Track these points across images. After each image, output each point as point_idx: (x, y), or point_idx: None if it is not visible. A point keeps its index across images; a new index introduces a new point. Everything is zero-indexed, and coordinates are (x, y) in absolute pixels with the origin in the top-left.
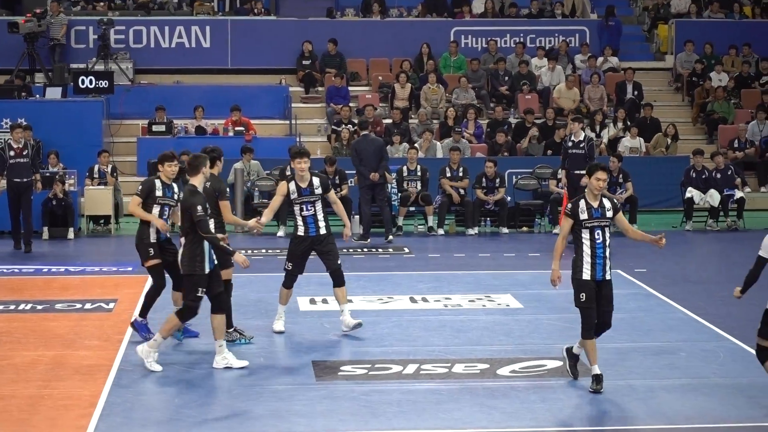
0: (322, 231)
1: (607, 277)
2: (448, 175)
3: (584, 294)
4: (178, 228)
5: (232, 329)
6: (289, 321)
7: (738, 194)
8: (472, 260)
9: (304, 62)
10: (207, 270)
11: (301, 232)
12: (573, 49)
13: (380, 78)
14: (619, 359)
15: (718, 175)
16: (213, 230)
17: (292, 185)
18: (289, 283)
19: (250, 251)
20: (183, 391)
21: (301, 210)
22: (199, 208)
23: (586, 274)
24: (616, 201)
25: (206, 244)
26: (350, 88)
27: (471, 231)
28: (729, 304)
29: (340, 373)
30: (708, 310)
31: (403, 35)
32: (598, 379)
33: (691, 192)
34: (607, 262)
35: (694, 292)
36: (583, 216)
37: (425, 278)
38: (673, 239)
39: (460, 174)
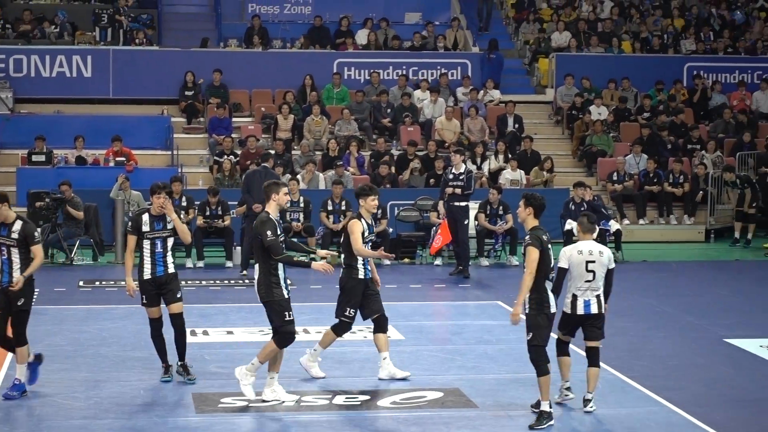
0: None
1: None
2: (330, 208)
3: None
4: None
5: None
6: (169, 352)
7: (614, 226)
8: None
9: (186, 92)
10: (286, 295)
11: (361, 275)
12: (455, 82)
13: (263, 109)
14: (500, 390)
15: (583, 207)
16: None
17: (364, 223)
18: (345, 330)
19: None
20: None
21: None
22: (269, 233)
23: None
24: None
25: (281, 269)
26: (233, 119)
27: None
28: (608, 335)
29: (220, 405)
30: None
31: (286, 66)
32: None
33: (571, 224)
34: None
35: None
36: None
37: (307, 310)
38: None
39: (342, 207)
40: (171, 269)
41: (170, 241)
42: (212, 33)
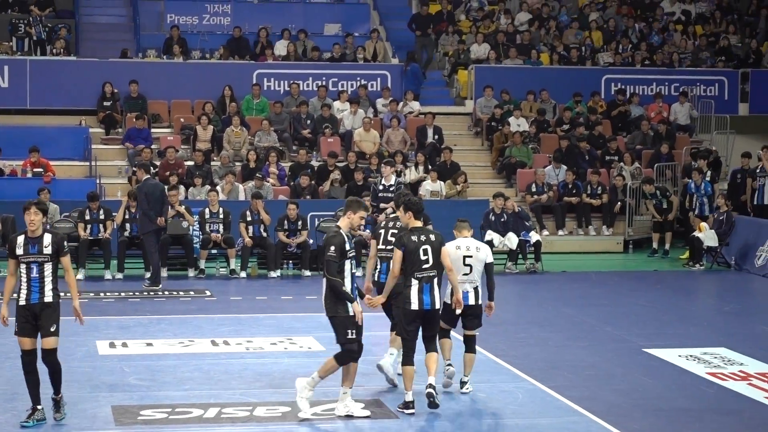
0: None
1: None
2: (249, 219)
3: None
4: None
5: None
6: (88, 364)
7: (534, 237)
8: (274, 303)
9: (105, 103)
10: (351, 312)
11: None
12: (375, 93)
13: (182, 120)
14: (419, 402)
15: (510, 219)
16: None
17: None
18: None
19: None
20: None
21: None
22: (332, 248)
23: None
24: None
25: (348, 284)
26: (152, 130)
27: (273, 274)
28: (528, 345)
29: (140, 418)
30: (507, 352)
31: (206, 77)
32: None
33: (491, 235)
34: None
35: (492, 334)
36: None
37: (227, 321)
38: None
39: (260, 218)
40: (48, 298)
41: (48, 267)
42: (131, 43)
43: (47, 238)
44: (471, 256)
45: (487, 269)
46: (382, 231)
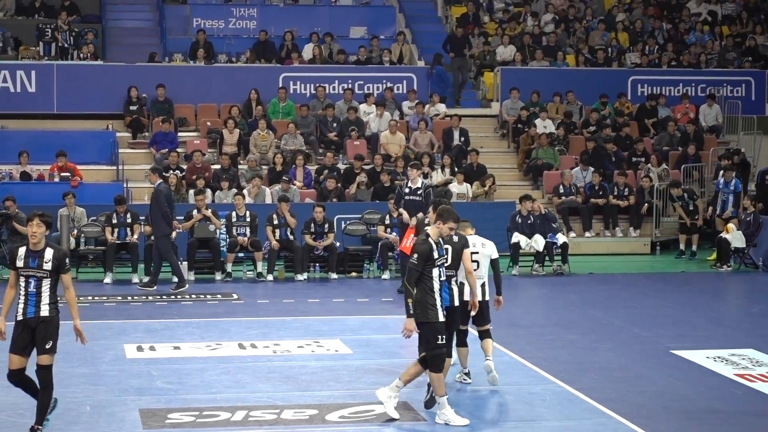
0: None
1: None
2: (275, 222)
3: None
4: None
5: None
6: (116, 368)
7: (561, 239)
8: (301, 306)
9: (131, 107)
10: (441, 318)
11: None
12: (401, 96)
13: (209, 123)
14: (453, 404)
15: (537, 221)
16: None
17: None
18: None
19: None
20: None
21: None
22: (416, 256)
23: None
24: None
25: (437, 290)
26: (178, 134)
27: (300, 277)
28: (555, 347)
29: (167, 421)
30: (534, 354)
31: (232, 81)
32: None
33: (518, 237)
34: None
35: (520, 336)
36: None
37: (254, 324)
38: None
39: (286, 221)
40: (44, 312)
41: (46, 282)
42: (157, 47)
43: (49, 253)
44: (477, 253)
45: (493, 265)
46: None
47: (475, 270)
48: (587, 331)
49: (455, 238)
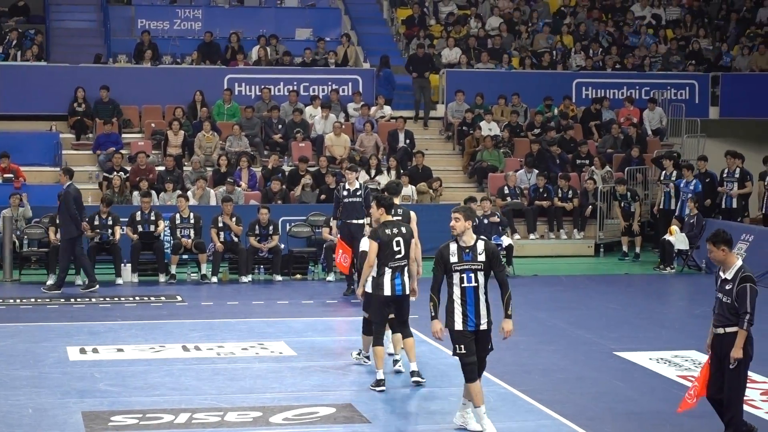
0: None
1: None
2: (220, 225)
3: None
4: None
5: None
6: (58, 371)
7: (506, 241)
8: (245, 308)
9: (76, 108)
10: (461, 326)
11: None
12: (346, 98)
13: (153, 125)
14: (392, 405)
15: (486, 221)
16: None
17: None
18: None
19: (18, 300)
20: None
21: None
22: (434, 262)
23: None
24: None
25: (458, 298)
26: (123, 135)
27: (245, 279)
28: (499, 349)
29: (110, 424)
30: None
31: (177, 82)
32: None
33: None
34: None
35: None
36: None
37: (198, 326)
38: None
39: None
40: None
41: None
42: (101, 48)
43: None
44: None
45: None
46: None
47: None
48: (531, 333)
49: (403, 229)
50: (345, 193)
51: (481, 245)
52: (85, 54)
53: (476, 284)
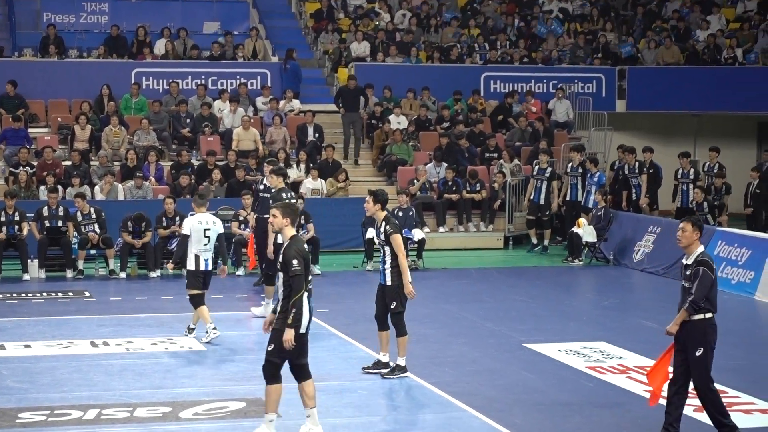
0: None
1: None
2: (130, 228)
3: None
4: None
5: None
6: None
7: (418, 235)
8: (154, 303)
9: None
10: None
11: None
12: (255, 92)
13: (59, 119)
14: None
15: (400, 213)
16: None
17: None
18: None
19: None
20: None
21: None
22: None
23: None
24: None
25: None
26: (29, 130)
27: (154, 273)
28: (409, 342)
29: (18, 420)
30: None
31: (83, 76)
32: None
33: (371, 232)
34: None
35: (374, 331)
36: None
37: (107, 322)
38: (354, 279)
39: (141, 228)
40: None
41: None
42: (6, 42)
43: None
44: (209, 229)
45: (219, 239)
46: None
47: (207, 244)
48: (441, 325)
49: None
50: (261, 187)
51: (285, 247)
52: None
53: (277, 284)
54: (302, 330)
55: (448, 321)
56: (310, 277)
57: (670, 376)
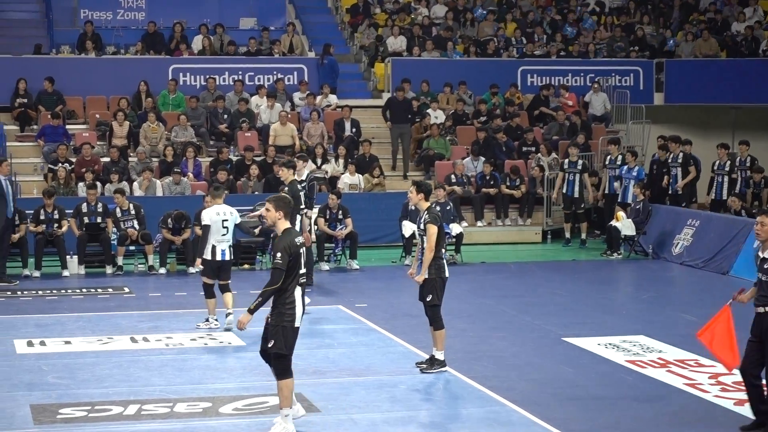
0: None
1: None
2: (170, 226)
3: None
4: None
5: None
6: (5, 364)
7: (456, 229)
8: (193, 299)
9: (19, 100)
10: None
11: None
12: (292, 87)
13: (98, 116)
14: (342, 393)
15: (437, 207)
16: None
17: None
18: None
19: None
20: None
21: None
22: None
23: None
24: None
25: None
26: (67, 127)
27: (192, 269)
28: (448, 336)
29: (59, 417)
30: (427, 343)
31: (121, 73)
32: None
33: (407, 226)
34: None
35: (413, 326)
36: None
37: (146, 318)
38: (393, 274)
39: (181, 225)
40: None
41: None
42: (44, 39)
43: None
44: (227, 220)
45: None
46: None
47: (225, 234)
48: (479, 320)
49: None
50: None
51: (277, 239)
52: (27, 45)
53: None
54: (297, 324)
55: (486, 315)
56: (302, 271)
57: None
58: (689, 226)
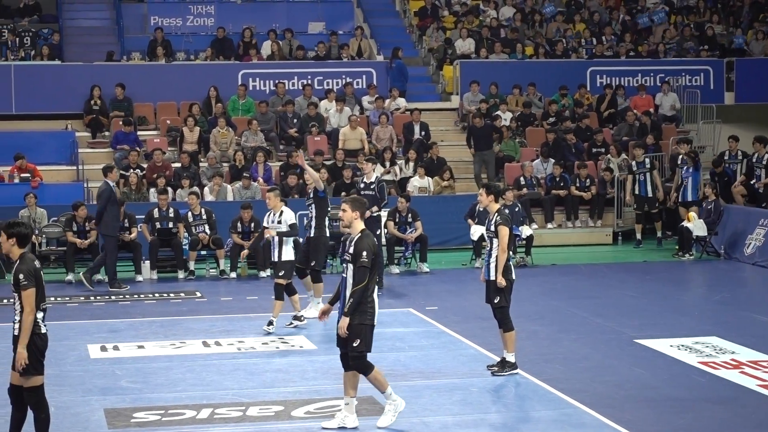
0: None
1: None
2: (240, 230)
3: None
4: None
5: None
6: (80, 368)
7: (526, 231)
8: (264, 303)
9: (93, 107)
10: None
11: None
12: (360, 91)
13: (168, 122)
14: (413, 396)
15: (506, 210)
16: None
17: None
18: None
19: None
20: None
21: None
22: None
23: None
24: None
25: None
26: (138, 133)
27: (263, 273)
28: (519, 339)
29: (133, 420)
30: (499, 346)
31: (191, 79)
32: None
33: (475, 228)
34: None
35: (485, 328)
36: None
37: (218, 322)
38: (464, 276)
39: (251, 228)
40: (16, 330)
41: (17, 299)
42: (114, 46)
43: (17, 269)
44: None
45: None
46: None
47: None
48: (550, 322)
49: None
50: (362, 185)
51: (356, 239)
52: (98, 52)
53: (345, 275)
54: (375, 322)
55: (557, 317)
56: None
57: None
58: (761, 226)
